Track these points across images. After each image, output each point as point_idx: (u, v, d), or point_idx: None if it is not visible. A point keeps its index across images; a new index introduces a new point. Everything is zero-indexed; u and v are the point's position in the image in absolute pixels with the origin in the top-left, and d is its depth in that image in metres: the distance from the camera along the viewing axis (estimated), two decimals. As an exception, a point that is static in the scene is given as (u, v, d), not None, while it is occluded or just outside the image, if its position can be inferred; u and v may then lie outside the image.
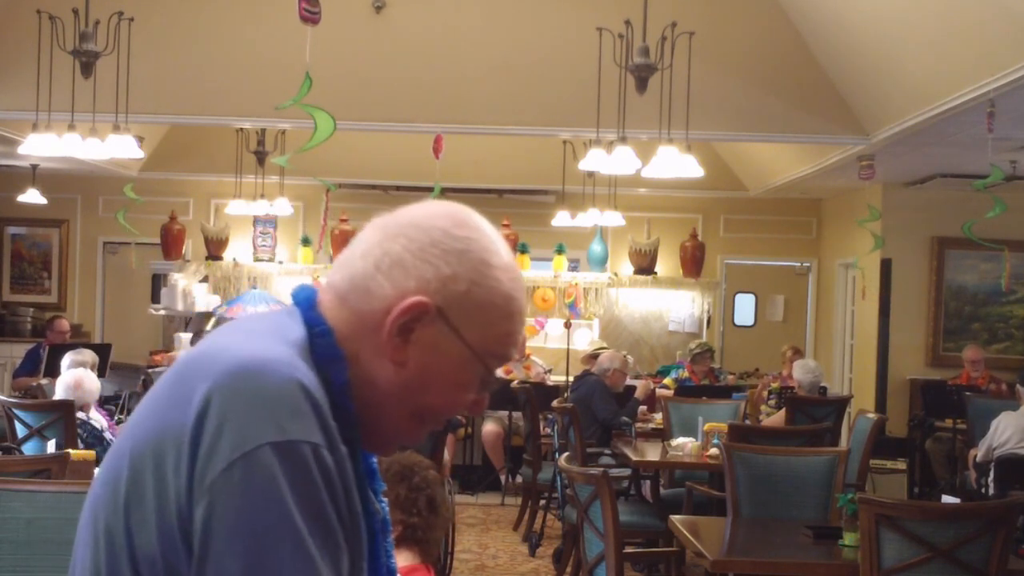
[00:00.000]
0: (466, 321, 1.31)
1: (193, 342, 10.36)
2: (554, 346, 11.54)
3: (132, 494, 1.20)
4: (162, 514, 1.18)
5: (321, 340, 1.31)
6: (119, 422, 7.20)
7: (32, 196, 11.00)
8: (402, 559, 2.96)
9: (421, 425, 1.37)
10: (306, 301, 1.34)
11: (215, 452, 1.17)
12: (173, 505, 1.18)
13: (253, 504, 1.15)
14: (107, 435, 6.11)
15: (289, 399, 1.20)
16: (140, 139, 8.16)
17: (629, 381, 8.54)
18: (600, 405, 7.78)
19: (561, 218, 10.62)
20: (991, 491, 6.79)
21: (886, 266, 10.46)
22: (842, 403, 8.45)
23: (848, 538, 4.26)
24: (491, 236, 1.35)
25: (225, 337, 1.31)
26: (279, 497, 1.16)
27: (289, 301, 1.38)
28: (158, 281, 12.56)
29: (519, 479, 9.33)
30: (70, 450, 4.91)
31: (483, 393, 1.37)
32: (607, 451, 7.54)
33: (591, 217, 10.18)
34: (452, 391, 1.34)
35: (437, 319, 1.30)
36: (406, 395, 1.33)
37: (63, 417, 6.02)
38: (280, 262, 12.07)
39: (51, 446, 5.61)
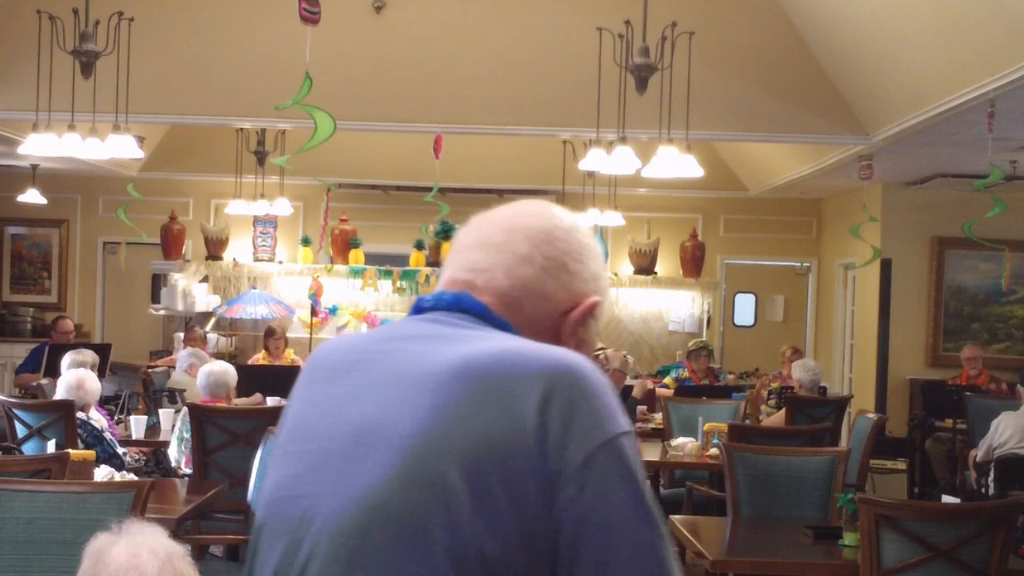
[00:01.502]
0: (600, 311, 1.50)
1: (185, 340, 10.30)
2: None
3: (477, 511, 1.25)
4: (523, 519, 1.26)
5: None
6: (119, 422, 7.20)
7: (32, 196, 11.00)
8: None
9: None
10: (482, 307, 1.43)
11: (568, 446, 1.27)
12: (532, 507, 1.26)
13: (621, 488, 1.28)
14: (107, 435, 6.10)
15: (611, 393, 1.34)
16: (140, 139, 8.16)
17: (628, 381, 8.53)
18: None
19: (561, 218, 10.59)
20: (991, 491, 6.78)
21: (886, 266, 10.45)
22: (842, 403, 8.44)
23: (848, 538, 4.26)
24: None
25: (489, 344, 1.35)
26: (637, 479, 1.30)
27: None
28: (158, 281, 12.54)
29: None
30: (70, 450, 4.91)
31: None
32: (607, 451, 7.52)
33: (591, 217, 10.17)
34: None
35: (590, 313, 1.48)
36: None
37: (63, 417, 6.01)
38: (280, 262, 12.05)
39: (51, 446, 5.60)
